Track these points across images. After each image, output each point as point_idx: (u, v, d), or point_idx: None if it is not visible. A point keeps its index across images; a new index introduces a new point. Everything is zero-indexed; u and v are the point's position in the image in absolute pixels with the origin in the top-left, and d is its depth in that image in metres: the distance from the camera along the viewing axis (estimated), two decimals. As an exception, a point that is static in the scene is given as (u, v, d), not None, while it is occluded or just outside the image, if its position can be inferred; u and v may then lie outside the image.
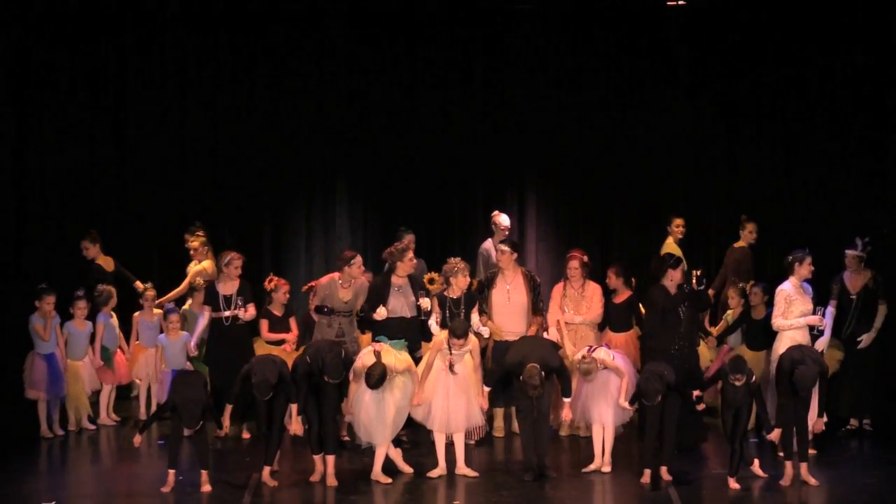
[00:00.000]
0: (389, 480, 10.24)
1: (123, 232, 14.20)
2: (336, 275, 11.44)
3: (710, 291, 12.71)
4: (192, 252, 12.95)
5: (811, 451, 10.41)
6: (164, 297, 12.82)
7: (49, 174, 14.12)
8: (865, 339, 11.69)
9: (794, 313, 10.92)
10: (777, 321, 10.96)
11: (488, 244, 12.93)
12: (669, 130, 14.47)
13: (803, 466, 10.08)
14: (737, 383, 9.91)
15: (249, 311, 11.50)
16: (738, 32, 14.30)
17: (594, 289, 11.72)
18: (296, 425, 10.41)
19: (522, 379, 10.11)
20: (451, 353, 10.35)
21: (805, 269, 11.04)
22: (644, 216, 14.45)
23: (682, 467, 10.39)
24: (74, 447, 11.56)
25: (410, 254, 11.25)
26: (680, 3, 14.24)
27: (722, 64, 14.41)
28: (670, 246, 13.13)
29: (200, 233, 13.01)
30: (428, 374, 10.42)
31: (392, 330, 10.82)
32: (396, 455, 10.53)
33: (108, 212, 14.25)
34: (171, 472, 10.00)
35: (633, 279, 12.07)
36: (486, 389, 10.49)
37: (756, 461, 10.35)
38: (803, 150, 14.30)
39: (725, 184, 14.48)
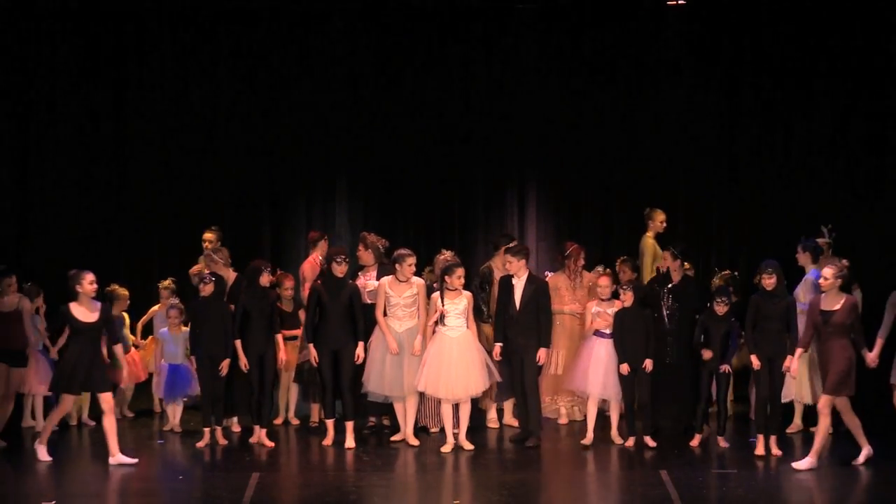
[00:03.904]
0: (417, 442, 11.00)
1: (123, 231, 14.22)
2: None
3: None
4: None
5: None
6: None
7: (49, 174, 14.15)
8: None
9: None
10: None
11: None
12: (670, 130, 14.49)
13: (773, 439, 10.73)
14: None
15: None
16: (738, 32, 14.32)
17: (590, 277, 12.02)
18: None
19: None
20: (443, 305, 10.74)
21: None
22: (644, 215, 14.45)
23: (682, 465, 10.43)
24: (76, 444, 11.58)
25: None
26: (680, 2, 14.26)
27: (722, 63, 14.44)
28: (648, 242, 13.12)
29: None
30: (432, 319, 10.88)
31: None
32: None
33: (109, 211, 14.27)
34: (207, 430, 11.05)
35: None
36: (498, 345, 11.02)
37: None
38: (804, 148, 14.33)
39: (726, 182, 14.51)
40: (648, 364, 10.97)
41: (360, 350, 10.91)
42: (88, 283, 10.40)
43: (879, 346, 10.46)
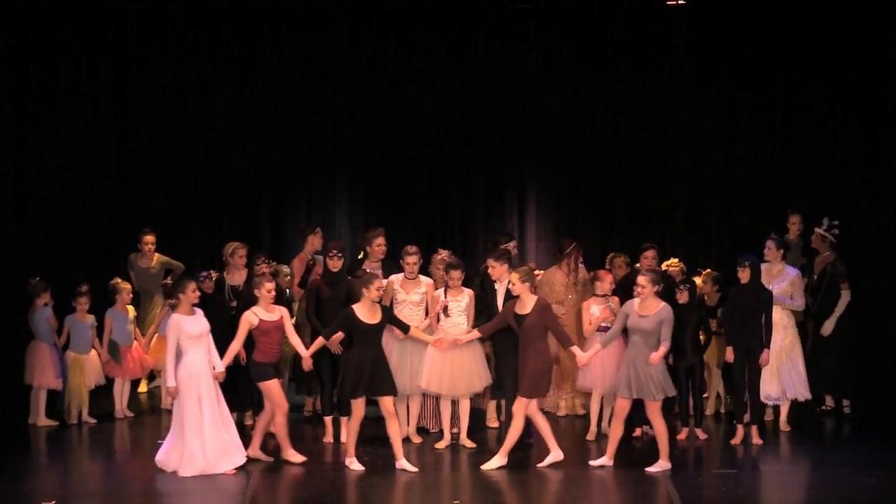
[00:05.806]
0: (420, 440, 11.16)
1: (123, 230, 14.22)
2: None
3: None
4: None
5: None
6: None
7: (50, 172, 14.14)
8: (827, 326, 12.08)
9: None
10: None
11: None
12: (669, 129, 14.50)
13: (753, 429, 11.11)
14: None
15: None
16: (738, 31, 14.32)
17: (585, 274, 12.22)
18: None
19: None
20: (445, 297, 10.93)
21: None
22: (644, 214, 14.48)
23: (682, 465, 10.44)
24: (76, 442, 11.57)
25: (379, 239, 11.67)
26: (680, 2, 14.26)
27: (722, 62, 14.44)
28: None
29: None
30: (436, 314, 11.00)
31: None
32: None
33: (108, 210, 14.27)
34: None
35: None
36: (478, 334, 10.92)
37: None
38: (804, 145, 14.33)
39: (726, 181, 14.51)
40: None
41: (334, 338, 10.68)
42: (377, 286, 10.32)
43: (595, 350, 10.56)
